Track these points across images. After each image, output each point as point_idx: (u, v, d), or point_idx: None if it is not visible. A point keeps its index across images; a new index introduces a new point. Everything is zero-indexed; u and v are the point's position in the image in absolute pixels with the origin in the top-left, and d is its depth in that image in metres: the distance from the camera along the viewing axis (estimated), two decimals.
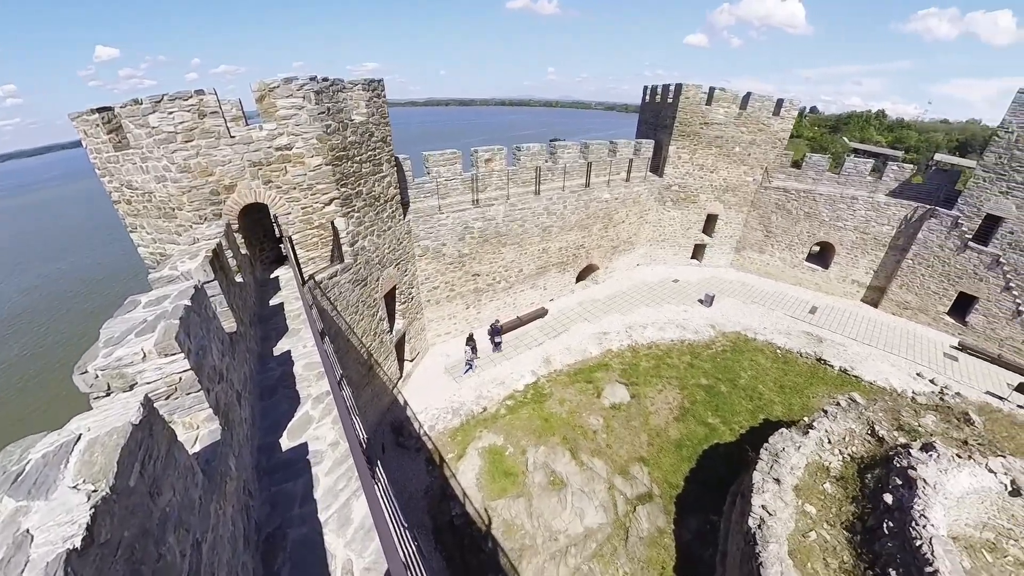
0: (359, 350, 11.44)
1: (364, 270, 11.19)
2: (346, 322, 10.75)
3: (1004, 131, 16.54)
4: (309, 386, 5.69)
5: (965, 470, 8.98)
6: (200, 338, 3.63)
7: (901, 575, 7.52)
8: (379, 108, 10.42)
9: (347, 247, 10.37)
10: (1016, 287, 17.92)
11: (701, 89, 18.79)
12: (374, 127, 10.35)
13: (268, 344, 6.84)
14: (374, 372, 12.47)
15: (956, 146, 50.16)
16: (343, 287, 10.42)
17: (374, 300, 11.94)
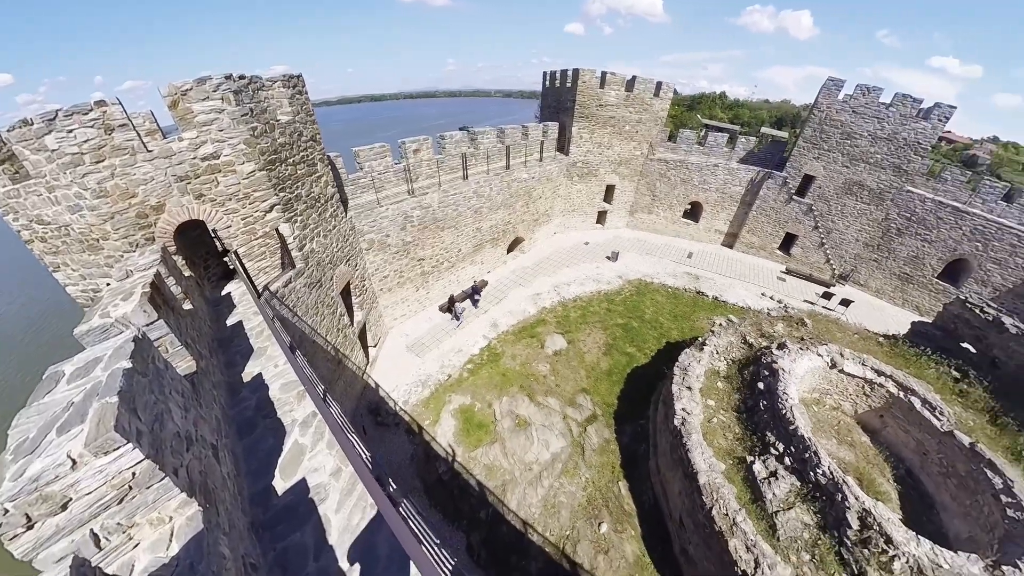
0: (326, 348, 10.52)
1: (317, 272, 10.12)
2: (309, 326, 9.74)
3: (817, 110, 19.50)
4: (292, 410, 4.70)
5: (805, 357, 11.07)
6: (153, 405, 2.59)
7: (773, 434, 9.22)
8: (303, 106, 9.11)
9: (296, 252, 9.22)
10: (821, 227, 21.88)
11: (595, 74, 19.12)
12: (302, 126, 9.06)
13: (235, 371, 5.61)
14: (343, 365, 11.64)
15: (775, 121, 57.84)
16: (299, 292, 9.37)
17: (332, 299, 10.95)
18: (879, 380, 11.09)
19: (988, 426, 9.84)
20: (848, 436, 11.08)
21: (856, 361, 11.34)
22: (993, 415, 10.02)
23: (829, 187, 20.78)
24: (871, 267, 21.41)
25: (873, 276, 21.47)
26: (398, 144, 13.02)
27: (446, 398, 13.63)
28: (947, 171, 19.10)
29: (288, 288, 8.97)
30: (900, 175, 18.90)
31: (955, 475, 9.32)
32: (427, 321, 17.15)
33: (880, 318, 18.74)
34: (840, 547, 7.23)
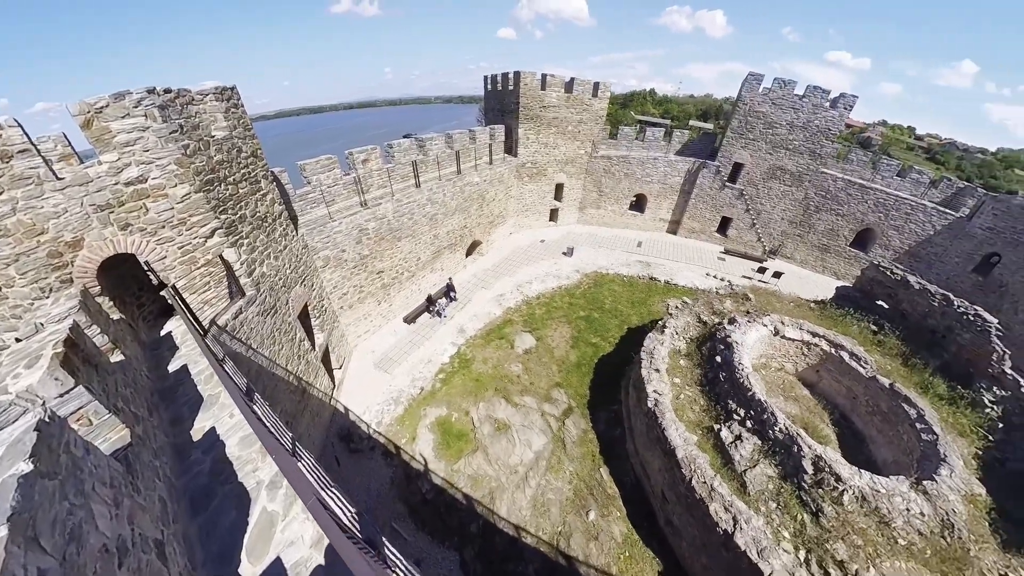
0: (287, 379, 9.78)
1: (271, 297, 9.40)
2: (266, 357, 9.01)
3: (742, 103, 21.45)
4: (256, 469, 3.98)
5: (753, 328, 12.15)
6: (67, 518, 1.89)
7: (734, 402, 10.05)
8: (240, 120, 8.48)
9: (245, 278, 8.51)
10: (751, 209, 24.08)
11: (535, 76, 19.60)
12: (240, 141, 8.43)
13: (183, 427, 4.81)
14: (308, 394, 10.90)
15: (701, 114, 62.65)
16: (252, 322, 8.63)
17: (289, 324, 10.23)
18: (814, 341, 12.49)
19: (901, 368, 11.44)
20: (792, 392, 12.39)
21: (794, 327, 12.67)
22: (904, 358, 11.67)
23: (756, 173, 23.01)
24: (795, 241, 24.03)
25: (798, 249, 24.13)
26: (345, 155, 12.49)
27: (421, 412, 13.25)
28: (852, 153, 21.99)
29: (239, 319, 8.22)
30: (815, 159, 21.45)
31: (879, 412, 10.80)
32: (392, 335, 16.62)
33: (807, 286, 21.01)
34: (799, 491, 8.10)
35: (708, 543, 8.20)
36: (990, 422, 9.73)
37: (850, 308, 13.41)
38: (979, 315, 10.58)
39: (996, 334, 10.23)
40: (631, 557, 9.30)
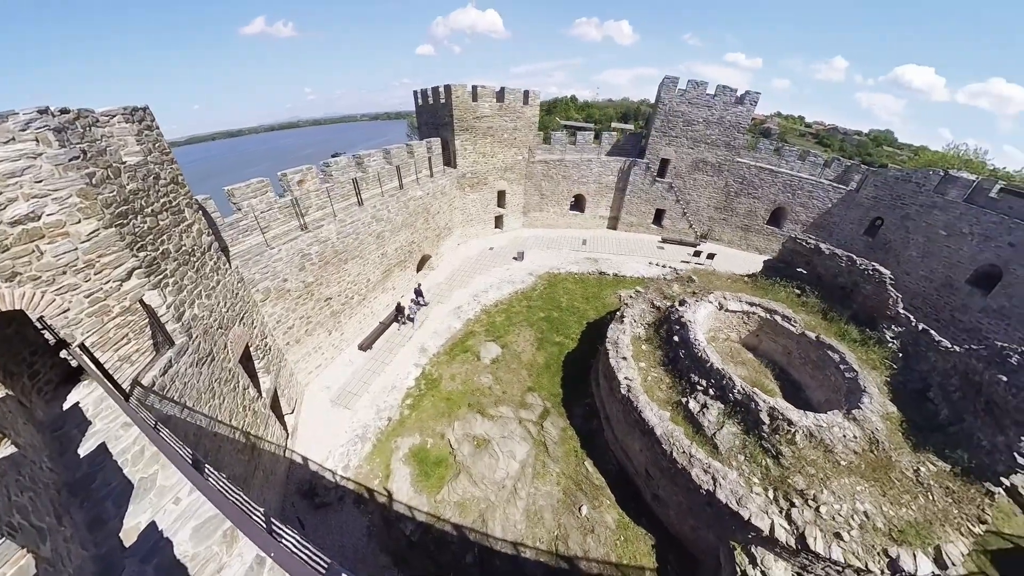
0: (233, 437, 8.67)
1: (205, 343, 8.36)
2: (206, 415, 7.90)
3: (662, 104, 23.63)
4: (222, 568, 3.15)
5: (701, 306, 13.32)
6: None
7: (696, 374, 10.91)
8: (156, 143, 7.63)
9: (173, 324, 7.48)
10: (681, 200, 26.49)
11: (466, 88, 20.01)
12: (158, 167, 7.58)
13: (107, 531, 3.79)
14: (258, 449, 9.67)
15: (621, 116, 67.62)
16: (186, 375, 7.54)
17: (230, 371, 9.12)
18: (752, 310, 14.02)
19: (822, 322, 13.25)
20: (739, 357, 13.78)
21: (735, 300, 14.14)
22: (824, 313, 13.54)
23: (681, 166, 25.44)
24: (722, 225, 26.89)
25: (724, 231, 27.01)
26: (278, 177, 11.72)
27: (392, 445, 12.43)
28: (760, 143, 25.31)
29: (169, 375, 7.10)
30: (731, 150, 24.33)
31: (811, 362, 12.46)
32: (348, 365, 15.61)
33: (737, 263, 23.49)
34: (761, 441, 9.14)
35: (693, 505, 8.91)
36: (892, 354, 11.72)
37: (776, 277, 15.29)
38: (876, 269, 12.66)
39: (890, 283, 12.30)
40: (626, 540, 9.67)
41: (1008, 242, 16.60)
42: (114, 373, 6.36)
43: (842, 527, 7.58)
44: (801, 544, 7.48)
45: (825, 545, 7.39)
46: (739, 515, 7.95)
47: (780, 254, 15.58)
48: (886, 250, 21.00)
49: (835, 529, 7.57)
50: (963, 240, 18.13)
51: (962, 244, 18.17)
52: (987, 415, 9.00)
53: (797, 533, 7.62)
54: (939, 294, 18.89)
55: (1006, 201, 17.10)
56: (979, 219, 17.58)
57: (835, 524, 7.62)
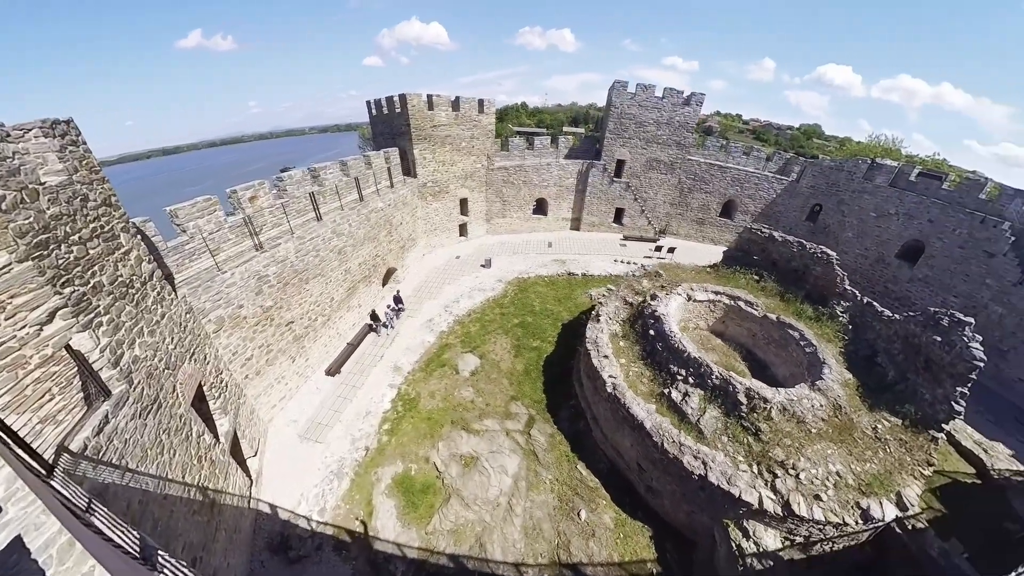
0: (188, 496, 7.62)
1: (150, 388, 7.32)
2: (153, 476, 6.81)
3: (614, 108, 24.62)
4: None
5: (671, 299, 13.86)
6: None
7: (675, 365, 11.31)
8: (83, 160, 6.75)
9: (109, 370, 6.45)
10: (638, 198, 27.65)
11: (421, 97, 19.82)
12: (86, 188, 6.72)
13: None
14: (218, 505, 8.59)
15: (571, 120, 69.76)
16: (126, 430, 6.41)
17: (180, 418, 8.08)
18: (717, 298, 14.82)
19: (780, 303, 14.25)
20: (709, 344, 14.50)
21: (701, 290, 14.88)
22: (781, 296, 14.57)
23: (637, 166, 26.62)
24: (678, 220, 28.37)
25: (681, 226, 28.51)
26: (227, 194, 10.87)
27: (372, 478, 11.56)
28: (708, 141, 27.05)
29: (106, 433, 5.97)
30: (682, 149, 25.82)
31: (774, 341, 13.37)
32: (315, 393, 14.59)
33: (696, 255, 24.83)
34: (741, 421, 9.67)
35: (687, 491, 9.24)
36: (843, 327, 12.85)
37: (736, 266, 16.29)
38: (824, 252, 13.85)
39: (836, 263, 13.48)
40: (625, 536, 9.77)
41: (928, 219, 18.96)
42: (33, 441, 5.07)
43: (820, 489, 8.29)
44: (787, 511, 8.05)
45: (808, 508, 8.02)
46: (730, 493, 8.36)
47: (738, 244, 16.63)
48: (826, 233, 23.13)
49: (814, 492, 8.25)
50: (890, 220, 20.48)
51: (890, 223, 20.51)
52: (927, 372, 10.17)
53: (782, 501, 8.18)
54: (873, 269, 21.08)
55: (923, 183, 19.62)
56: (902, 200, 19.95)
57: (814, 487, 8.31)
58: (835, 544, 8.34)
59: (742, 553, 8.09)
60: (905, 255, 20.15)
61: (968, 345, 9.47)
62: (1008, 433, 13.54)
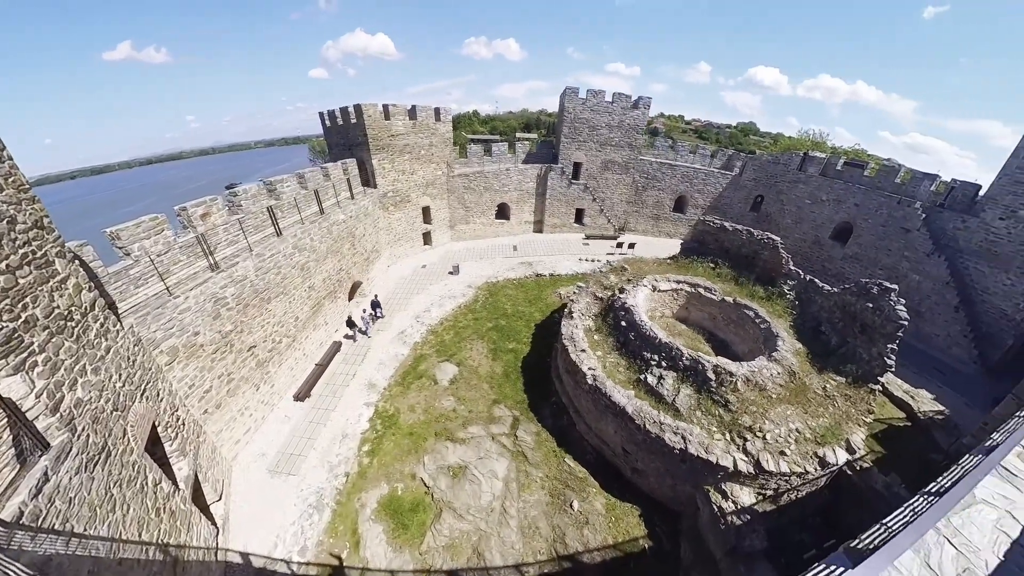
0: (147, 558, 6.84)
1: (97, 435, 6.56)
2: (105, 538, 6.06)
3: (567, 113, 25.52)
4: None
5: (639, 291, 14.56)
6: None
7: (648, 352, 11.91)
8: (9, 177, 6.07)
9: (47, 418, 5.73)
10: (597, 198, 28.74)
11: (377, 107, 19.64)
12: (13, 209, 6.05)
13: None
14: (181, 562, 7.80)
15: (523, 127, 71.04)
16: (70, 487, 5.64)
17: (133, 466, 7.26)
18: (679, 287, 15.75)
19: (735, 287, 15.42)
20: (675, 330, 15.39)
21: (664, 281, 15.75)
22: (735, 280, 15.78)
23: (593, 168, 27.77)
24: (635, 216, 29.82)
25: (638, 222, 30.01)
26: (175, 212, 10.12)
27: (356, 505, 10.94)
28: (657, 142, 28.82)
29: (45, 493, 5.20)
30: (634, 150, 27.31)
31: (732, 322, 14.47)
32: (284, 422, 13.67)
33: (654, 248, 26.13)
34: (711, 395, 10.49)
35: (670, 466, 9.90)
36: (791, 303, 14.22)
37: (693, 256, 17.43)
38: (770, 238, 15.21)
39: (781, 247, 14.81)
40: (617, 519, 10.16)
41: (854, 203, 21.40)
42: None
43: (784, 446, 9.29)
44: (758, 469, 8.94)
45: (775, 463, 8.96)
46: (708, 461, 9.13)
47: (693, 235, 17.80)
48: (768, 221, 25.31)
49: (779, 449, 9.22)
50: (823, 206, 22.88)
51: (823, 209, 22.91)
52: (863, 335, 11.58)
53: (753, 461, 9.06)
54: (812, 250, 23.34)
55: (848, 172, 22.22)
56: (832, 188, 22.40)
57: (778, 445, 9.30)
58: (799, 492, 9.43)
59: (722, 513, 8.87)
60: (837, 236, 22.57)
61: (895, 308, 10.80)
62: (928, 381, 15.86)
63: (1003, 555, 3.37)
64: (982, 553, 3.36)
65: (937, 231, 18.74)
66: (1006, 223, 16.57)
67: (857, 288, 12.12)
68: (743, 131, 76.64)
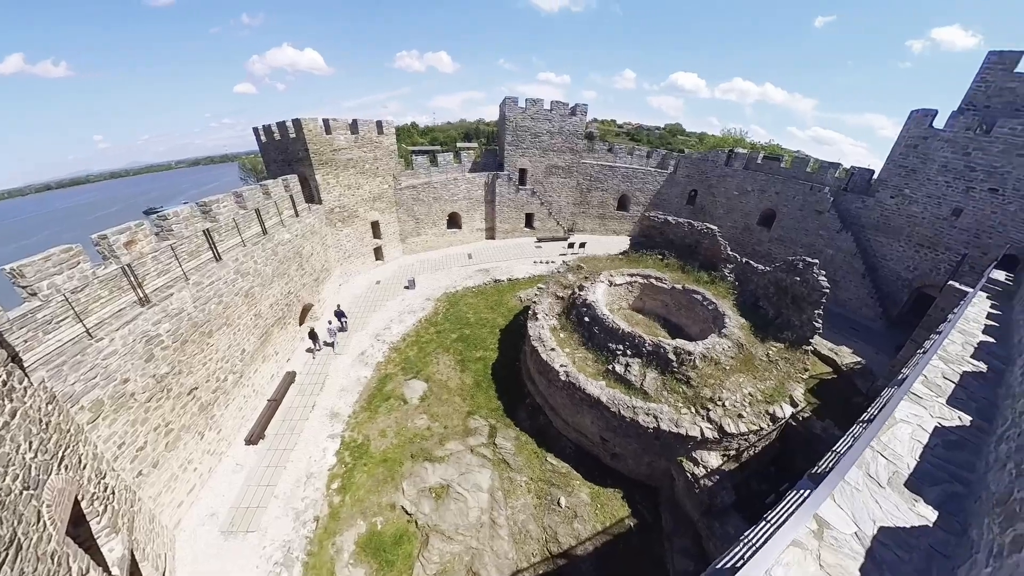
0: None
1: (3, 525, 5.26)
2: None
3: (508, 122, 26.06)
4: None
5: (597, 287, 15.21)
6: None
7: (612, 343, 12.49)
8: None
9: None
10: (544, 202, 29.56)
11: (318, 122, 18.91)
12: None
13: None
14: None
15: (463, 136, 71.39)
16: None
17: (53, 557, 6.00)
18: (633, 280, 16.66)
19: (682, 275, 16.64)
20: (633, 320, 16.25)
21: (619, 275, 16.59)
22: (682, 268, 17.04)
23: (538, 173, 28.63)
24: (583, 217, 31.15)
25: (586, 222, 31.40)
26: (92, 242, 8.87)
27: (331, 551, 9.96)
28: (596, 145, 30.38)
29: None
30: (575, 154, 28.63)
31: (683, 307, 15.66)
32: (236, 471, 12.14)
33: (604, 245, 27.41)
34: (674, 375, 11.35)
35: (646, 446, 10.58)
36: (732, 284, 15.68)
37: (642, 250, 18.56)
38: (708, 227, 16.66)
39: (719, 235, 16.24)
40: (602, 505, 10.57)
41: (775, 191, 24.12)
42: None
43: (741, 409, 10.43)
44: (721, 433, 9.96)
45: (735, 426, 10.06)
46: (679, 434, 9.96)
47: (640, 230, 18.96)
48: (703, 213, 27.61)
49: (737, 412, 10.34)
50: (749, 196, 25.47)
51: (749, 199, 25.50)
52: (793, 305, 13.12)
53: (717, 427, 10.05)
54: (743, 236, 25.81)
55: (767, 164, 25.10)
56: (755, 179, 25.03)
57: (736, 409, 10.42)
58: (756, 447, 10.68)
59: (695, 478, 9.76)
60: (763, 222, 25.28)
61: (817, 279, 12.34)
62: (847, 338, 18.47)
63: (918, 457, 4.64)
64: (904, 459, 4.56)
65: (843, 211, 21.75)
66: (895, 200, 19.76)
67: (786, 265, 13.63)
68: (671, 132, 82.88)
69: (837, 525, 3.54)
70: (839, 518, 3.62)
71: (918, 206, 18.94)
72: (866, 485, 4.05)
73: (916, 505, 3.92)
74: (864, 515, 3.69)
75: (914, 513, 3.83)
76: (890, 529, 3.55)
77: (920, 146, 18.34)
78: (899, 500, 3.94)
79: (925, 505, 3.92)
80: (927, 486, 4.13)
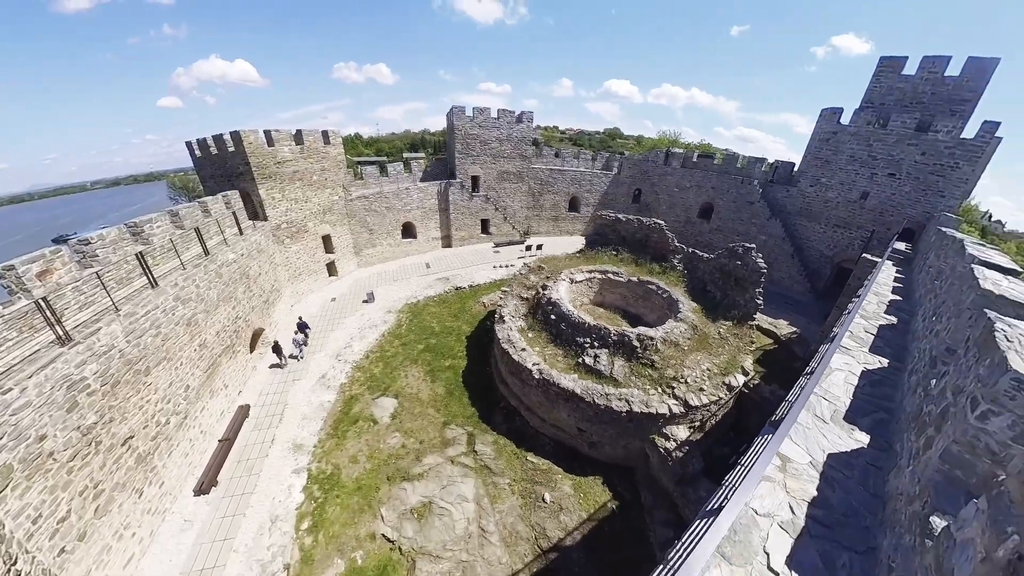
0: None
1: None
2: None
3: (457, 131, 26.38)
4: None
5: (560, 285, 15.79)
6: None
7: (580, 336, 13.06)
8: None
9: None
10: (499, 208, 30.10)
11: (258, 133, 17.95)
12: None
13: None
14: None
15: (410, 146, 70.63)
16: None
17: None
18: (592, 276, 17.48)
19: (636, 268, 17.71)
20: (595, 313, 17.01)
21: (579, 272, 17.33)
22: (635, 262, 18.10)
23: (490, 180, 29.16)
24: (537, 220, 32.15)
25: (540, 225, 32.46)
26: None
27: None
28: (544, 150, 31.56)
29: None
30: (525, 160, 29.53)
31: (640, 297, 16.69)
32: (184, 528, 10.82)
33: (560, 246, 28.22)
34: (639, 360, 12.16)
35: (622, 430, 11.19)
36: (681, 273, 16.98)
37: (597, 247, 19.51)
38: (656, 222, 17.93)
39: (666, 229, 17.52)
40: (585, 495, 10.94)
41: (711, 187, 26.43)
42: None
43: (701, 383, 11.43)
44: (687, 407, 10.86)
45: (698, 399, 11.01)
46: (650, 413, 10.71)
47: (594, 229, 19.96)
48: (649, 209, 29.52)
49: (699, 387, 11.31)
50: (689, 192, 27.67)
51: (689, 194, 27.71)
52: (737, 287, 14.51)
53: (682, 402, 10.92)
54: (685, 229, 27.91)
55: (702, 162, 27.54)
56: (693, 176, 27.26)
57: (697, 384, 11.41)
58: (717, 416, 11.77)
59: (668, 452, 10.57)
60: (703, 214, 27.59)
61: (756, 261, 13.68)
62: (783, 312, 20.59)
63: (852, 396, 5.58)
64: (841, 399, 5.47)
65: (771, 200, 24.39)
66: (814, 188, 22.59)
67: (728, 252, 15.00)
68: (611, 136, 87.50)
69: (796, 458, 4.17)
70: (796, 452, 4.27)
71: (833, 192, 21.72)
72: (815, 423, 4.76)
73: (853, 433, 4.77)
74: (815, 447, 4.39)
75: (852, 439, 4.65)
76: (836, 454, 4.27)
77: (831, 140, 21.10)
78: (840, 431, 4.72)
79: (860, 432, 4.76)
80: (860, 417, 5.00)
